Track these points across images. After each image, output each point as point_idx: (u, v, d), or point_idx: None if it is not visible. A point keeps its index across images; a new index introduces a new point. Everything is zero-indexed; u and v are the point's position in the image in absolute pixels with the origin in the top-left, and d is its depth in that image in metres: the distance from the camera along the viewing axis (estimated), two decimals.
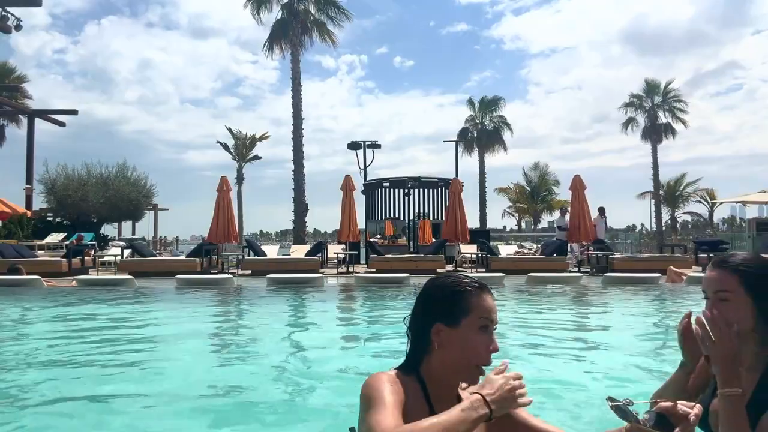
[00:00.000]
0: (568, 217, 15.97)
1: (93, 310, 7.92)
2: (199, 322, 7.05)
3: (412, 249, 17.76)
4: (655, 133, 38.08)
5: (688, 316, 1.53)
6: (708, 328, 1.40)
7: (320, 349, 5.30)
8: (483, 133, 41.54)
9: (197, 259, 14.04)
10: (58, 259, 13.86)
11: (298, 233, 25.98)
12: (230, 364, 4.68)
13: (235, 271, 14.45)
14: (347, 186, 15.93)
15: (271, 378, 4.06)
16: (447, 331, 1.38)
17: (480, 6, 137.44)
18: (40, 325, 6.71)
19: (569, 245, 15.82)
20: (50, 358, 4.66)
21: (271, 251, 16.61)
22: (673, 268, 11.40)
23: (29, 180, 23.69)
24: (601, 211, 17.47)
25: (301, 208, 25.83)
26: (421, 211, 20.15)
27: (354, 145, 23.57)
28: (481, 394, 1.23)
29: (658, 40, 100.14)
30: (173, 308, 8.42)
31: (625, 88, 47.53)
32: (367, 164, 23.18)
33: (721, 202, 32.47)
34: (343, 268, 14.74)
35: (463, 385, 1.44)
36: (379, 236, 20.55)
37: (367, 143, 23.41)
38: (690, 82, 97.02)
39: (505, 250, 17.01)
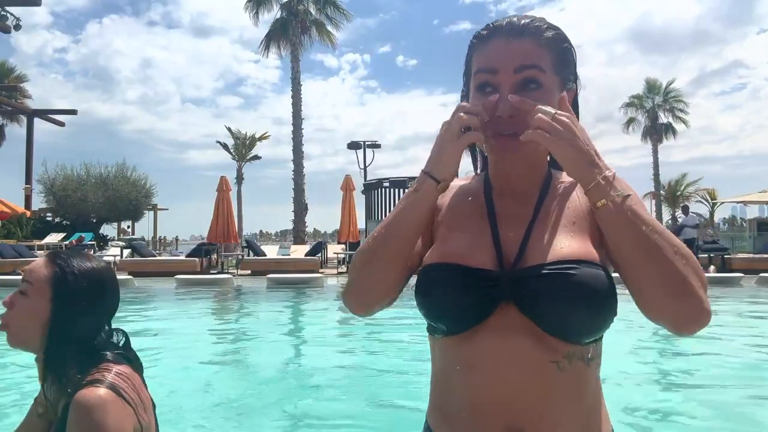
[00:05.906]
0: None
1: None
2: (199, 322, 7.03)
3: None
4: (656, 133, 38.05)
5: None
6: None
7: (320, 348, 5.28)
8: None
9: (197, 259, 14.03)
10: None
11: (298, 233, 25.93)
12: (229, 365, 4.66)
13: (235, 271, 14.42)
14: (347, 186, 15.91)
15: (270, 378, 4.05)
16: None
17: (483, 4, 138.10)
18: None
19: None
20: None
21: (271, 251, 16.60)
22: None
23: (28, 180, 23.67)
24: (685, 209, 17.57)
25: (300, 208, 25.77)
26: None
27: (354, 145, 23.52)
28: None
29: (663, 39, 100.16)
30: (172, 308, 8.40)
31: (630, 87, 47.63)
32: (367, 164, 23.12)
33: (722, 202, 32.42)
34: (343, 268, 14.70)
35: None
36: None
37: (366, 143, 23.35)
38: (694, 81, 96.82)
39: None
